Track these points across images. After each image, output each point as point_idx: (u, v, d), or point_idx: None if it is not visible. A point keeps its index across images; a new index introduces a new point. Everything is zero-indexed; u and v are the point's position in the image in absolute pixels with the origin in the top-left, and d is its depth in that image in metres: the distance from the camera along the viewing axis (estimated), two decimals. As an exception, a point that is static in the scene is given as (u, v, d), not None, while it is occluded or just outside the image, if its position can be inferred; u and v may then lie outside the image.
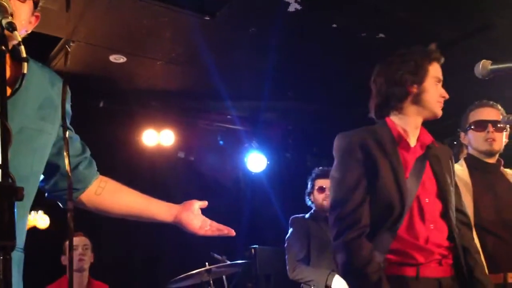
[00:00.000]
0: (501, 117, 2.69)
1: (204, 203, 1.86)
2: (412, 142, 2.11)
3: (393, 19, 3.92)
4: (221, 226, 1.84)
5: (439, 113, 2.11)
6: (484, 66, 1.66)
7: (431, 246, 1.95)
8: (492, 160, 2.74)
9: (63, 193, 1.66)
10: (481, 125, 2.71)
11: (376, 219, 1.96)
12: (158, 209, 1.81)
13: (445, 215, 2.03)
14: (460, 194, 2.27)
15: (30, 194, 1.50)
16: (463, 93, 3.47)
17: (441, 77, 2.12)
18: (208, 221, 1.83)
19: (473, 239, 2.19)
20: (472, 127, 2.74)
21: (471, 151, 2.80)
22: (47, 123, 1.52)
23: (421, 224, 1.97)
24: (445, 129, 3.22)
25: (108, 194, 1.74)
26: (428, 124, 2.17)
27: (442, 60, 2.14)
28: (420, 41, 4.30)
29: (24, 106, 1.44)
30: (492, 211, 2.61)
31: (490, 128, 2.68)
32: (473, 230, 2.26)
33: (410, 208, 1.96)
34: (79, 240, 3.98)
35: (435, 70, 2.11)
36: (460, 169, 2.74)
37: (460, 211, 2.15)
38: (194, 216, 1.80)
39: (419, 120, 2.14)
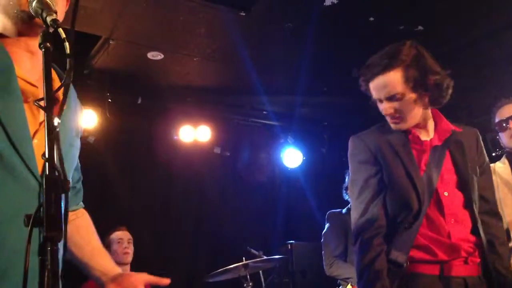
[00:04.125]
0: None
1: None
2: (429, 135, 2.04)
3: (432, 11, 3.84)
4: None
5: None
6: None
7: (455, 241, 1.89)
8: None
9: None
10: (502, 124, 2.67)
11: (395, 219, 1.94)
12: (97, 266, 1.60)
13: (467, 207, 1.95)
14: (490, 176, 2.12)
15: None
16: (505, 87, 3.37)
17: (378, 96, 2.05)
18: None
19: (498, 226, 2.05)
20: (496, 128, 2.71)
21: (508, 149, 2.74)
22: (77, 139, 1.51)
23: (441, 219, 1.91)
24: (484, 123, 3.11)
25: (73, 227, 1.63)
26: (471, 117, 2.10)
27: (374, 79, 2.08)
28: (459, 33, 4.20)
29: (69, 122, 1.42)
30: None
31: (511, 124, 2.61)
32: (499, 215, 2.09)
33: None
34: (123, 234, 4.00)
35: (373, 90, 2.08)
36: (502, 167, 2.68)
37: (483, 197, 2.03)
38: None
39: (427, 112, 2.03)
